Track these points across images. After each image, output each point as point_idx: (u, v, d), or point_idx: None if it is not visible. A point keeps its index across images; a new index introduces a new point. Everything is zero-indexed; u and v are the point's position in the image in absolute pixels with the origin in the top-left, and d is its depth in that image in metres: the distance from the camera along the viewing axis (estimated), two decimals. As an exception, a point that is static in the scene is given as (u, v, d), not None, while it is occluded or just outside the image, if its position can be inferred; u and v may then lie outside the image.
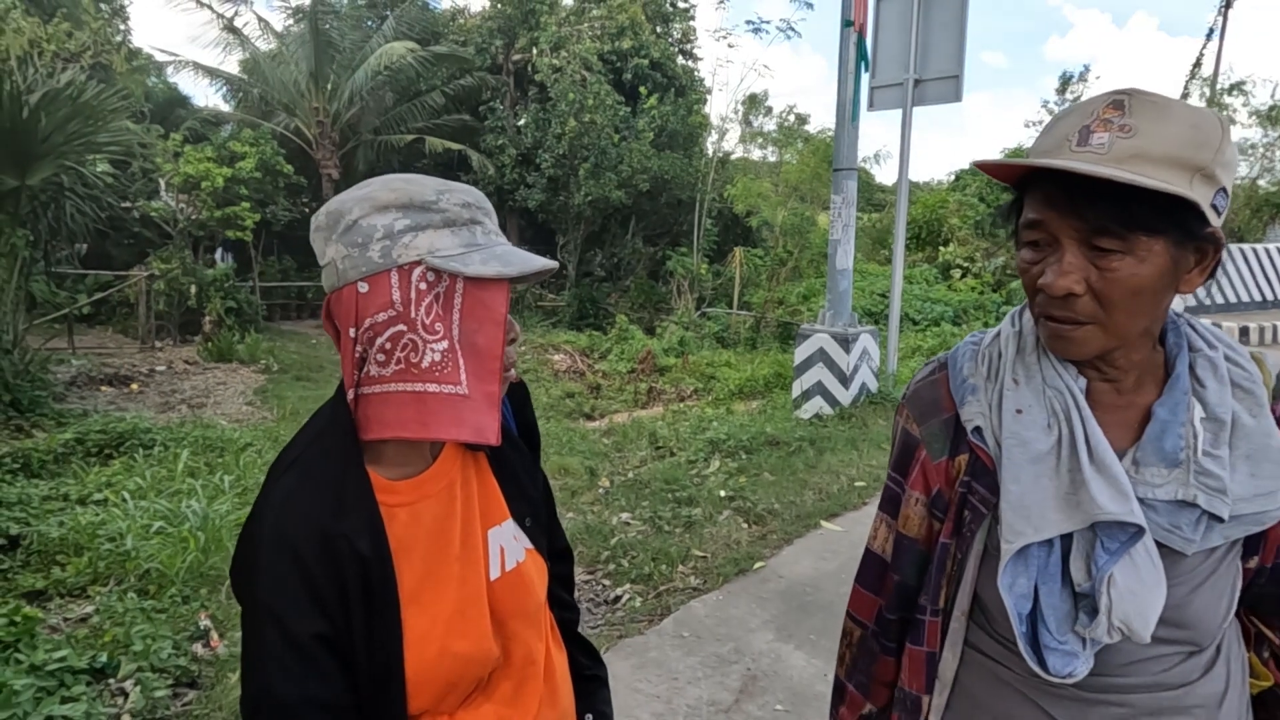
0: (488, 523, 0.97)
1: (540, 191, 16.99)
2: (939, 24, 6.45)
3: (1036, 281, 0.84)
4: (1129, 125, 0.77)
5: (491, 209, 0.92)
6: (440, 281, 0.83)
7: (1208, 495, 0.83)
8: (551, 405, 9.19)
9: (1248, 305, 12.05)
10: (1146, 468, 0.85)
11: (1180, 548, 0.84)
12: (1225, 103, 20.55)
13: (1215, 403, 0.86)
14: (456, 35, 18.40)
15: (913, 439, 1.00)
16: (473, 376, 0.85)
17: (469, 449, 0.98)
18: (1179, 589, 0.86)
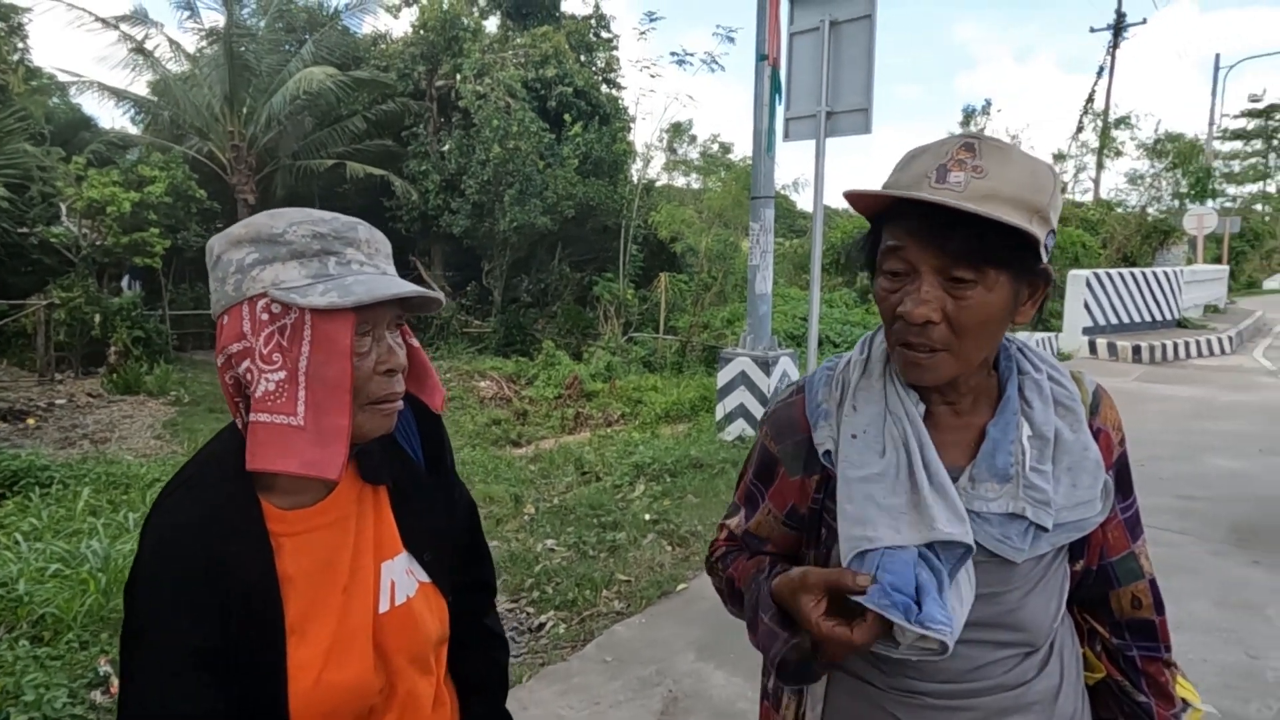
0: (381, 556, 0.97)
1: (465, 217, 16.88)
2: (848, 59, 6.71)
3: (895, 310, 0.89)
4: (980, 167, 0.83)
5: (365, 238, 0.91)
6: (287, 313, 0.84)
7: (1034, 507, 0.90)
8: (477, 433, 9.08)
9: (1139, 325, 12.80)
10: (981, 483, 0.91)
11: (1011, 556, 0.91)
12: (1115, 135, 21.91)
13: (1041, 421, 0.93)
14: (378, 60, 18.20)
15: (771, 456, 1.05)
16: (315, 409, 0.84)
17: (365, 481, 0.98)
18: (1013, 594, 0.93)
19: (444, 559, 1.06)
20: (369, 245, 0.91)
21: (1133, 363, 11.09)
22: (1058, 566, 0.98)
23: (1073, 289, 12.03)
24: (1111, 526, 1.02)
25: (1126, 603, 1.05)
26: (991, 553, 0.91)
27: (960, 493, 0.90)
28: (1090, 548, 1.02)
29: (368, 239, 0.91)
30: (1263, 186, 44.60)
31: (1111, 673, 1.07)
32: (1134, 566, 1.04)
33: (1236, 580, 3.95)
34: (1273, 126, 46.13)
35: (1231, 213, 26.00)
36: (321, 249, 0.86)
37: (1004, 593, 0.93)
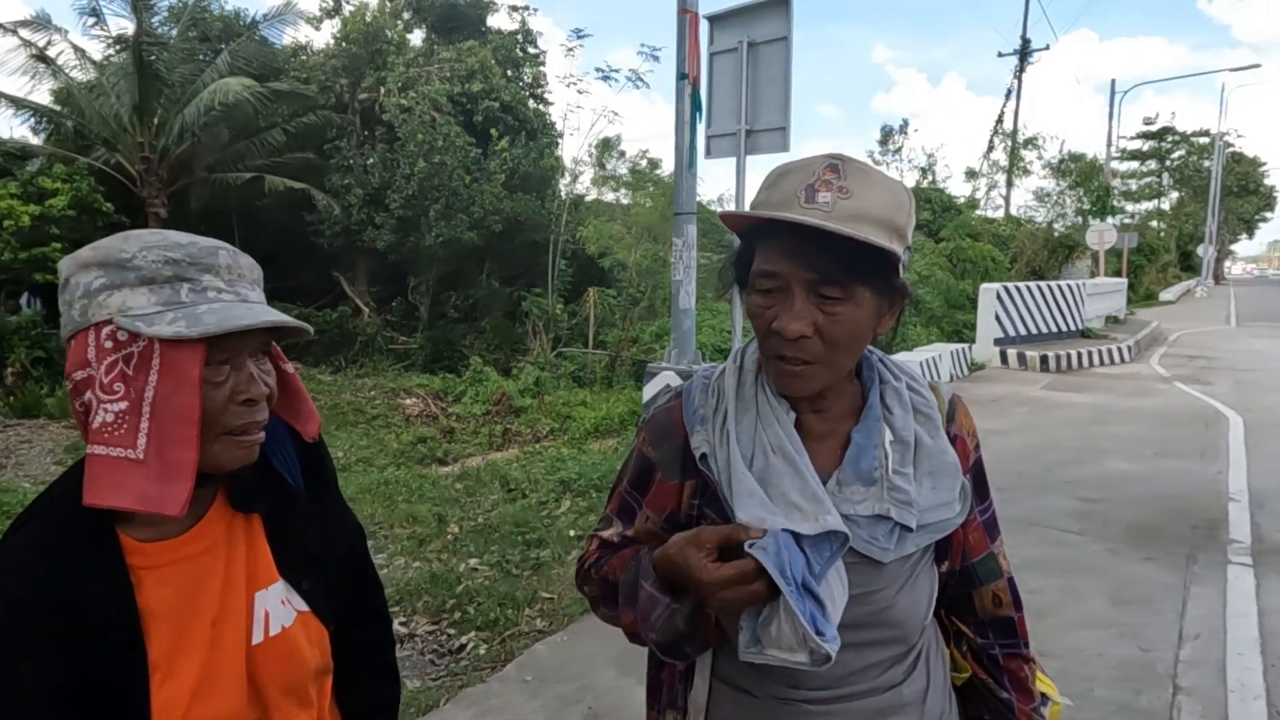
0: (254, 585, 0.94)
1: (390, 232, 16.59)
2: (767, 80, 6.89)
3: (770, 325, 0.93)
4: (845, 188, 0.88)
5: (226, 264, 0.88)
6: (134, 342, 0.81)
7: (898, 508, 0.95)
8: (402, 451, 8.92)
9: (1046, 335, 13.41)
10: (848, 487, 0.96)
11: (879, 557, 0.96)
12: (1023, 155, 23.00)
13: (901, 427, 0.99)
14: (299, 72, 17.78)
15: (648, 461, 1.06)
16: (157, 441, 0.81)
17: (236, 510, 0.95)
18: (883, 593, 0.98)
19: (324, 587, 1.03)
20: (230, 271, 0.88)
21: (1040, 371, 11.61)
22: (925, 566, 1.03)
23: (984, 302, 12.54)
24: (972, 528, 1.09)
25: (988, 601, 1.11)
26: (860, 554, 0.95)
27: (829, 496, 0.94)
28: (953, 549, 1.08)
29: (229, 265, 0.88)
30: (1157, 204, 47.44)
31: (977, 671, 1.14)
32: (994, 566, 1.11)
33: (1131, 577, 4.17)
34: (1165, 148, 49.19)
35: (1130, 229, 27.56)
36: (174, 275, 0.83)
37: (875, 592, 0.97)
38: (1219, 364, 12.60)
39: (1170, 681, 3.17)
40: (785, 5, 6.71)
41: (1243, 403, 8.99)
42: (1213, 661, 3.32)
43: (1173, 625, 3.64)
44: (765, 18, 6.85)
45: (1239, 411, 8.45)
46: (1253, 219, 57.76)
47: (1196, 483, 5.88)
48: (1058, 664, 3.28)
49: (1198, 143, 48.36)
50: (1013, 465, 6.38)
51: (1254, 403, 9.02)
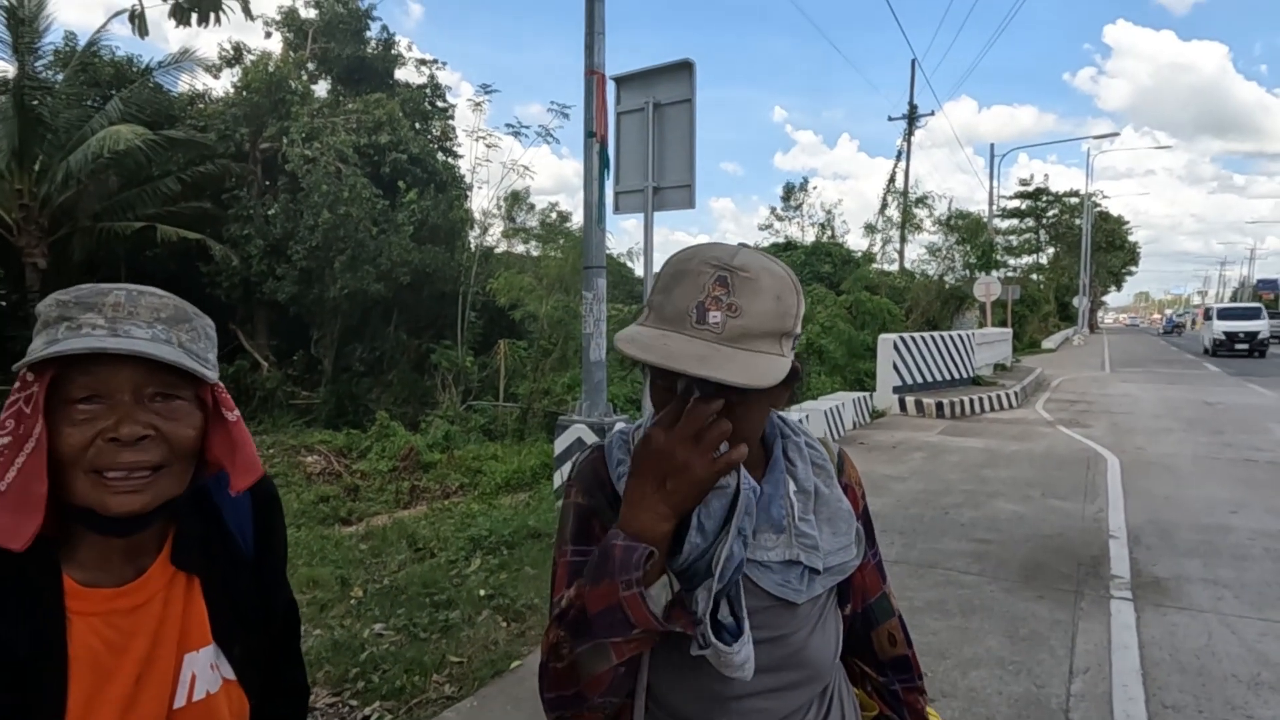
0: (186, 647, 0.93)
1: (292, 283, 16.14)
2: (672, 139, 7.12)
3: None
4: (735, 305, 0.90)
5: (113, 303, 0.87)
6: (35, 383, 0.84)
7: (806, 553, 1.03)
8: (303, 511, 8.56)
9: (942, 383, 14.07)
10: (761, 534, 1.02)
11: (793, 599, 1.03)
12: (914, 212, 24.34)
13: (803, 478, 1.08)
14: (195, 120, 17.29)
15: (587, 510, 1.06)
16: (24, 475, 0.82)
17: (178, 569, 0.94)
18: (799, 635, 1.05)
19: (255, 656, 1.01)
20: (117, 309, 0.87)
21: (937, 418, 12.14)
22: (830, 609, 1.11)
23: (883, 352, 13.08)
24: (866, 570, 1.19)
25: (885, 641, 1.22)
26: (776, 597, 1.02)
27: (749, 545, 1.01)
28: (854, 592, 1.18)
29: (117, 304, 0.87)
30: (1036, 258, 50.89)
31: (883, 709, 1.24)
32: (887, 605, 1.22)
33: (1024, 615, 4.36)
34: (1040, 207, 53.05)
35: (1013, 281, 29.36)
36: (59, 316, 0.86)
37: (790, 635, 1.04)
38: (1096, 408, 13.48)
39: (1064, 715, 3.31)
40: (688, 69, 6.99)
41: (1118, 444, 9.62)
42: (1101, 695, 3.49)
43: (1064, 660, 3.82)
44: (669, 80, 7.11)
45: (1115, 452, 9.03)
46: (1120, 272, 62.69)
47: (1080, 521, 6.23)
48: (958, 704, 3.38)
49: (1069, 202, 52.37)
50: (911, 509, 6.62)
51: (1128, 444, 9.67)
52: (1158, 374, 20.79)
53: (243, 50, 19.46)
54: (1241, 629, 4.17)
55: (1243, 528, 6.01)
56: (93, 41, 16.62)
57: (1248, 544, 5.62)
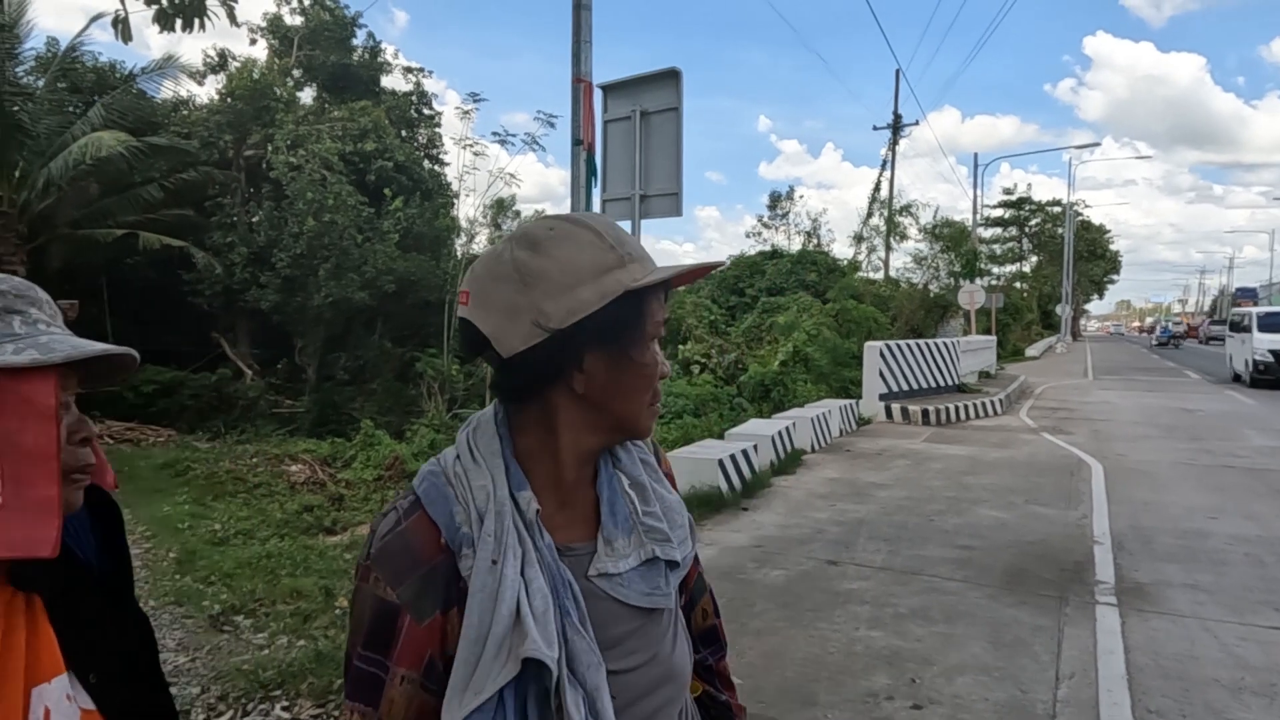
0: (34, 679, 0.82)
1: (275, 292, 16.04)
2: (659, 147, 7.14)
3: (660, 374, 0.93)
4: None
5: (45, 299, 0.85)
6: None
7: (660, 545, 0.95)
8: (286, 521, 8.46)
9: (927, 390, 14.15)
10: (615, 542, 0.92)
11: (666, 604, 0.94)
12: (899, 220, 24.52)
13: (632, 472, 1.00)
14: (179, 127, 17.18)
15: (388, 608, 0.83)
16: (15, 482, 0.76)
17: (17, 588, 0.84)
18: (665, 644, 0.96)
19: (114, 683, 0.91)
20: (50, 306, 0.85)
21: (923, 425, 12.21)
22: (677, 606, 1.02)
23: (869, 359, 13.15)
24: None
25: (699, 617, 1.15)
26: (646, 610, 0.92)
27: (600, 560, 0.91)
28: (687, 580, 1.11)
29: (47, 300, 0.85)
30: (1019, 267, 51.40)
31: (703, 685, 1.16)
32: (702, 582, 1.16)
33: (1008, 621, 4.39)
34: (1023, 216, 53.63)
35: (996, 290, 29.66)
36: (3, 307, 0.80)
37: (659, 650, 0.94)
38: (1078, 415, 13.60)
39: (1048, 721, 3.33)
40: (675, 77, 7.02)
41: (1100, 451, 9.71)
42: (1087, 700, 3.51)
43: (1049, 666, 3.84)
44: (656, 88, 7.14)
45: (1098, 459, 9.11)
46: (1102, 280, 63.45)
47: (1063, 528, 6.27)
48: (943, 711, 3.39)
49: (1051, 211, 52.98)
50: (895, 516, 6.64)
51: (1110, 450, 9.76)
52: (1137, 381, 21.02)
53: (227, 57, 19.39)
54: (1222, 633, 4.21)
55: (1221, 533, 6.08)
56: (73, 47, 16.47)
57: (1226, 549, 5.68)
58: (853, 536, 6.05)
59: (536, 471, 0.90)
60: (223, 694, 3.77)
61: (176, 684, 3.99)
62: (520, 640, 0.79)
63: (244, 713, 3.56)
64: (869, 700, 3.51)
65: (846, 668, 3.84)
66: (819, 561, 5.46)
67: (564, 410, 0.90)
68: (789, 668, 3.85)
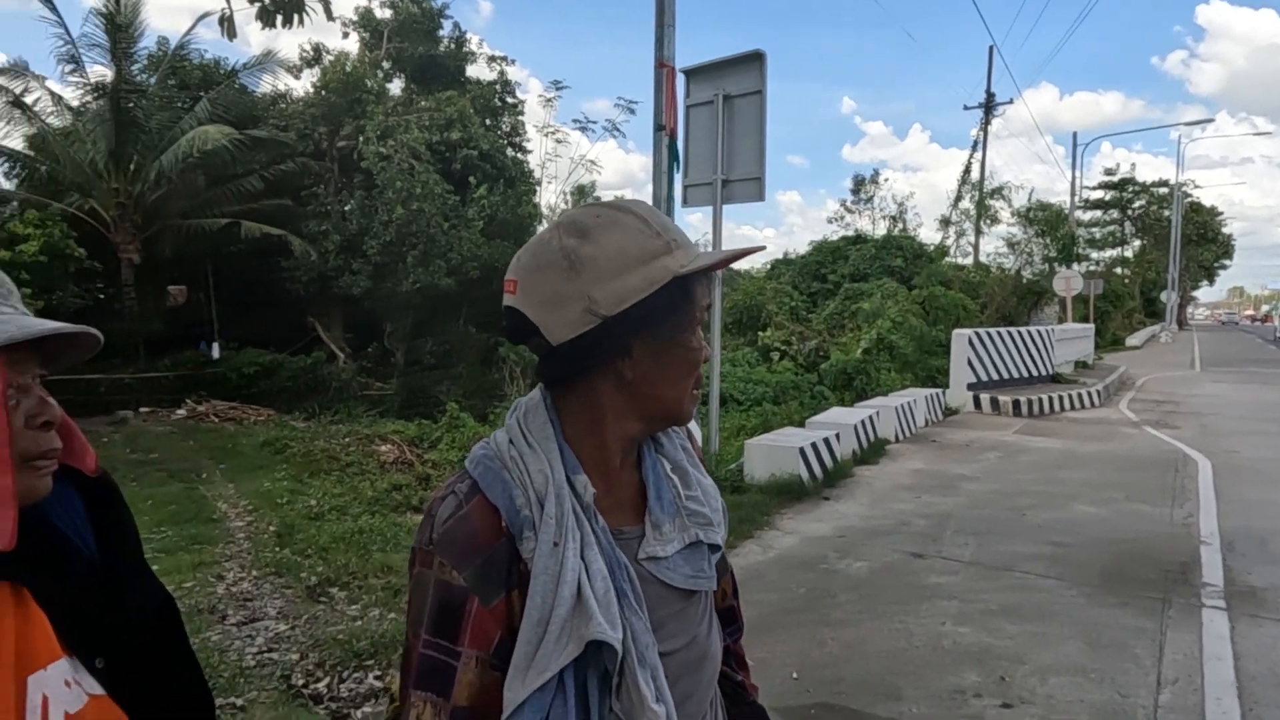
0: (28, 667, 0.79)
1: (366, 278, 16.61)
2: (742, 131, 7.06)
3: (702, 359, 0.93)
4: None
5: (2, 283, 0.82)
6: None
7: (704, 530, 0.96)
8: (377, 499, 8.78)
9: (1018, 380, 13.62)
10: (662, 526, 0.94)
11: (707, 587, 0.95)
12: (990, 204, 23.61)
13: (674, 455, 1.01)
14: (277, 120, 17.94)
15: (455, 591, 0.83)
16: None
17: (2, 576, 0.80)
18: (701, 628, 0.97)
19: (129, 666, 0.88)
20: (3, 286, 0.81)
21: (1013, 416, 11.76)
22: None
23: (957, 347, 12.74)
24: None
25: (718, 598, 1.13)
26: (688, 593, 0.93)
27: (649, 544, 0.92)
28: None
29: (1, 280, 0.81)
30: (1120, 251, 48.78)
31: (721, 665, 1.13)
32: (724, 564, 1.13)
33: (1105, 622, 4.20)
34: (1126, 198, 50.79)
35: (1095, 275, 28.26)
36: None
37: (698, 634, 0.95)
38: (1185, 408, 12.85)
39: (1148, 727, 3.18)
40: (759, 60, 6.93)
41: (1209, 447, 9.16)
42: (1192, 707, 3.33)
43: (1150, 670, 3.66)
44: (740, 72, 7.05)
45: (1206, 455, 8.60)
46: (1213, 266, 59.55)
47: (1167, 526, 5.95)
48: (1036, 711, 3.28)
49: (1157, 193, 50.00)
50: (984, 510, 6.43)
51: (1219, 446, 9.19)
52: (1252, 374, 19.70)
53: (322, 51, 20.10)
54: (1347, 644, 3.93)
55: (1348, 537, 5.66)
56: (182, 45, 17.40)
57: (1354, 554, 5.29)
58: (939, 530, 5.89)
59: (584, 456, 0.91)
60: (320, 661, 3.95)
61: (277, 650, 4.21)
62: (584, 622, 0.80)
63: (340, 679, 3.72)
64: (956, 696, 3.43)
65: (932, 662, 3.75)
66: (903, 554, 5.34)
67: (609, 396, 0.90)
68: (871, 660, 3.79)
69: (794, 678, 3.60)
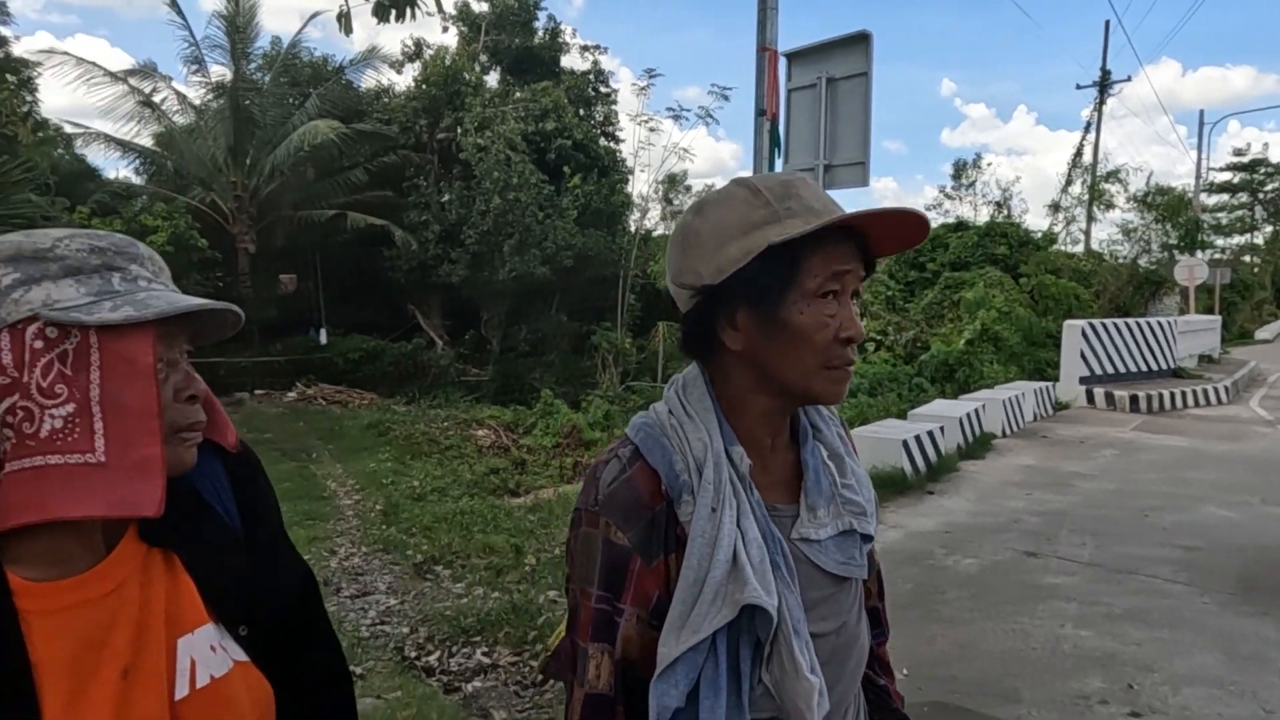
0: (178, 630, 0.82)
1: (464, 267, 17.03)
2: (845, 115, 6.86)
3: (839, 334, 0.87)
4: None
5: (147, 255, 0.83)
6: (66, 338, 0.73)
7: (857, 519, 0.95)
8: (475, 482, 9.02)
9: (1135, 375, 12.86)
10: (817, 510, 0.93)
11: (858, 574, 0.95)
12: (1104, 188, 22.33)
13: (832, 442, 0.99)
14: (381, 114, 18.55)
15: (620, 550, 0.87)
16: (118, 442, 0.74)
17: (152, 543, 0.83)
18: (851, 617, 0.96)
19: (269, 637, 0.91)
20: (152, 263, 0.83)
21: (1130, 412, 11.12)
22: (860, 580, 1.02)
23: (1069, 339, 12.12)
24: None
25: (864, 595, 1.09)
26: (839, 579, 0.93)
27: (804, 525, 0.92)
28: None
29: (150, 256, 0.83)
30: (1250, 238, 45.35)
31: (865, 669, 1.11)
32: (872, 562, 1.10)
33: (1244, 632, 3.92)
34: (1257, 181, 47.09)
35: (1221, 264, 26.35)
36: (103, 264, 0.77)
37: (848, 620, 0.95)
38: (1325, 407, 11.88)
39: (1297, 747, 2.96)
40: (865, 41, 6.70)
41: (1355, 448, 8.44)
42: (1344, 727, 3.08)
43: (1295, 686, 3.40)
44: (844, 53, 6.84)
45: (1352, 458, 7.93)
46: (1356, 254, 54.62)
47: (1310, 533, 5.51)
48: (1170, 723, 3.09)
49: (1293, 175, 46.16)
50: (1102, 510, 6.11)
51: (1368, 448, 8.45)
52: (1403, 370, 18.02)
53: (422, 46, 20.65)
54: None
55: None
56: (294, 43, 18.21)
57: None
58: (1053, 528, 5.63)
59: (737, 430, 0.92)
60: (429, 635, 4.08)
61: (389, 623, 4.38)
62: (738, 588, 0.81)
63: (449, 654, 3.84)
64: (1079, 702, 3.26)
65: (1051, 666, 3.58)
66: (1016, 552, 5.12)
67: (734, 369, 0.92)
68: (986, 660, 3.65)
69: (904, 674, 3.50)
